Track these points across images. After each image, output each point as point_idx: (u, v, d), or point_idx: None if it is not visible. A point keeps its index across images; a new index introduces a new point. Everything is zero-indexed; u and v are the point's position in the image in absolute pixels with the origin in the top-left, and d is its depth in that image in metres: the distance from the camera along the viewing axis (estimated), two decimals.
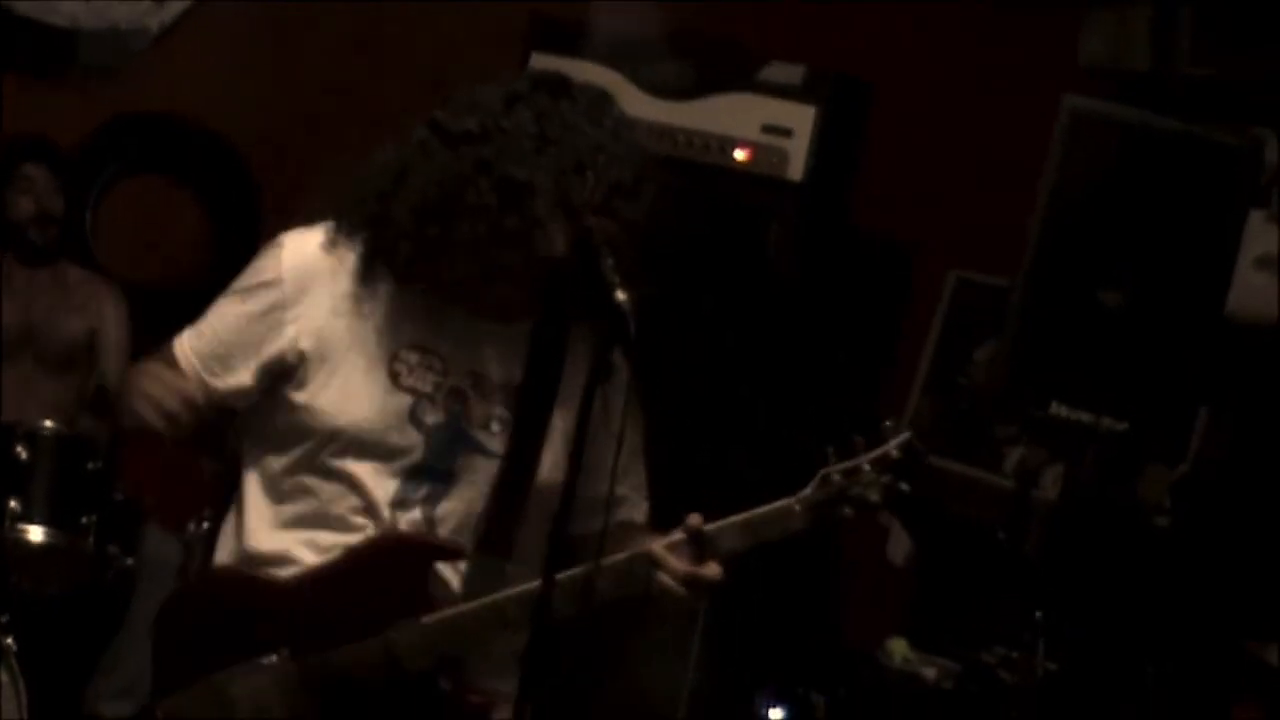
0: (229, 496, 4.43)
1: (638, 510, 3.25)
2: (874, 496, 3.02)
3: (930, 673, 5.25)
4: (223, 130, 6.67)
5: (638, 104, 5.12)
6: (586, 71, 4.53)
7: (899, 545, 5.56)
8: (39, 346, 5.82)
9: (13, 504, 5.04)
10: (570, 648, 3.05)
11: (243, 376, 3.10)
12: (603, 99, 3.06)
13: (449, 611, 3.02)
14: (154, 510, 5.65)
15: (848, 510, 3.01)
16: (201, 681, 3.10)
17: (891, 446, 3.02)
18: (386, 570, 3.06)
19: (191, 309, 6.28)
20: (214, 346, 3.13)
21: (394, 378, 3.06)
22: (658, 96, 5.17)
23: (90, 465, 5.23)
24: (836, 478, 3.00)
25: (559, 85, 3.04)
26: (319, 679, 3.04)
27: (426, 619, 3.02)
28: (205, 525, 5.08)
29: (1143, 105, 4.99)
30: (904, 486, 3.03)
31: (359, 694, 3.03)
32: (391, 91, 6.16)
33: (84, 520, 5.15)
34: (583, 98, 3.01)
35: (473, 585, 3.07)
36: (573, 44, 5.35)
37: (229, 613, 3.12)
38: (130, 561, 5.34)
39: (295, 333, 3.06)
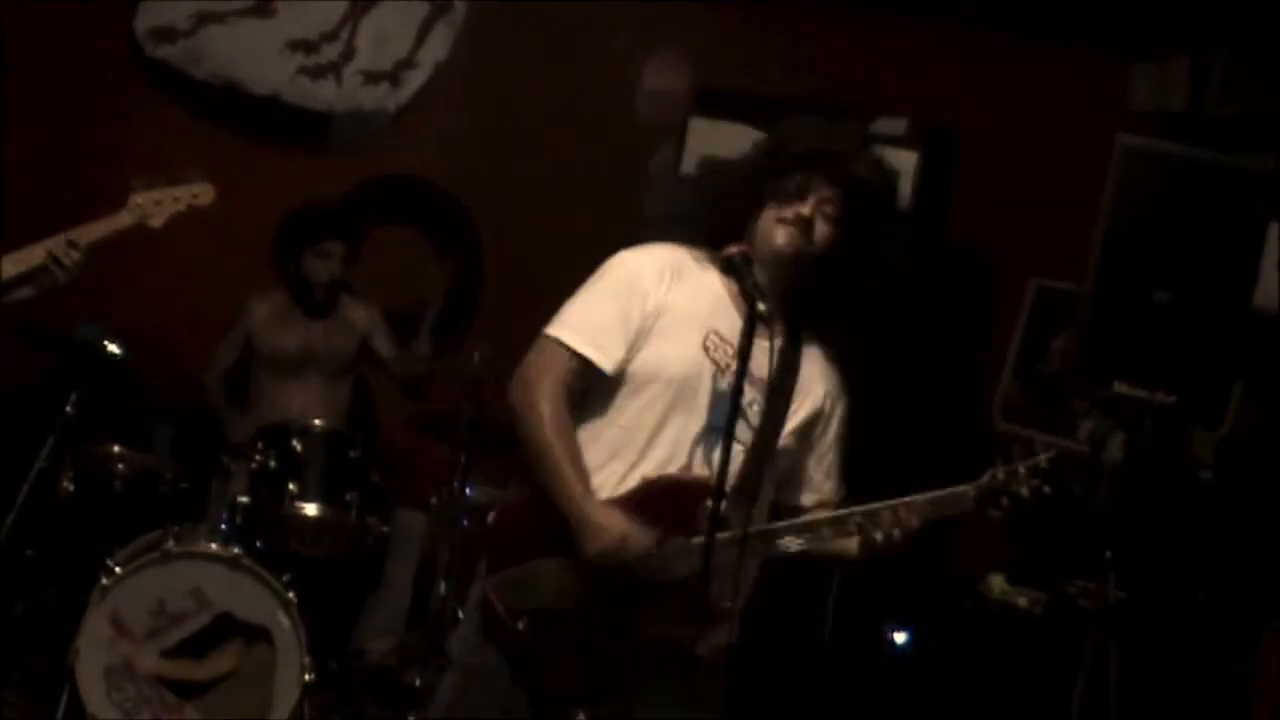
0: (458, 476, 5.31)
1: (828, 489, 3.70)
2: (1024, 492, 3.45)
3: (1023, 601, 5.55)
4: (451, 188, 7.06)
5: None
6: (738, 132, 5.16)
7: None
8: (320, 363, 6.28)
9: (291, 486, 5.62)
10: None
11: (620, 351, 3.50)
12: None
13: (704, 539, 3.36)
14: (403, 488, 6.13)
15: (1005, 501, 3.48)
16: (522, 567, 3.52)
17: (1041, 459, 3.50)
18: (667, 503, 3.44)
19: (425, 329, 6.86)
20: (596, 335, 3.50)
21: (705, 350, 3.50)
22: None
23: (351, 454, 5.76)
24: (1000, 475, 3.47)
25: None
26: (608, 571, 3.42)
27: (693, 540, 3.41)
28: (444, 498, 6.00)
29: (1182, 139, 5.33)
30: (1047, 489, 3.45)
31: (636, 586, 3.44)
32: (589, 154, 6.61)
33: (348, 498, 5.67)
34: None
35: (728, 520, 3.39)
36: (728, 108, 5.86)
37: (547, 522, 3.49)
38: (385, 530, 5.84)
39: (651, 309, 3.52)
